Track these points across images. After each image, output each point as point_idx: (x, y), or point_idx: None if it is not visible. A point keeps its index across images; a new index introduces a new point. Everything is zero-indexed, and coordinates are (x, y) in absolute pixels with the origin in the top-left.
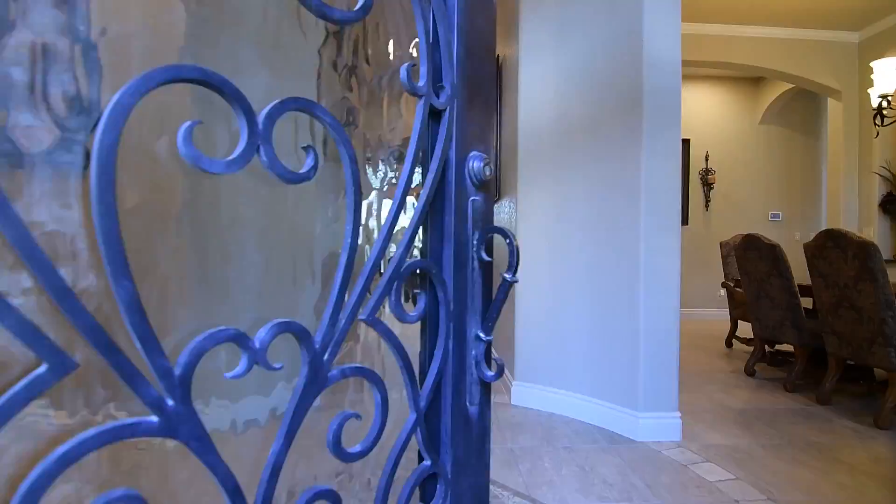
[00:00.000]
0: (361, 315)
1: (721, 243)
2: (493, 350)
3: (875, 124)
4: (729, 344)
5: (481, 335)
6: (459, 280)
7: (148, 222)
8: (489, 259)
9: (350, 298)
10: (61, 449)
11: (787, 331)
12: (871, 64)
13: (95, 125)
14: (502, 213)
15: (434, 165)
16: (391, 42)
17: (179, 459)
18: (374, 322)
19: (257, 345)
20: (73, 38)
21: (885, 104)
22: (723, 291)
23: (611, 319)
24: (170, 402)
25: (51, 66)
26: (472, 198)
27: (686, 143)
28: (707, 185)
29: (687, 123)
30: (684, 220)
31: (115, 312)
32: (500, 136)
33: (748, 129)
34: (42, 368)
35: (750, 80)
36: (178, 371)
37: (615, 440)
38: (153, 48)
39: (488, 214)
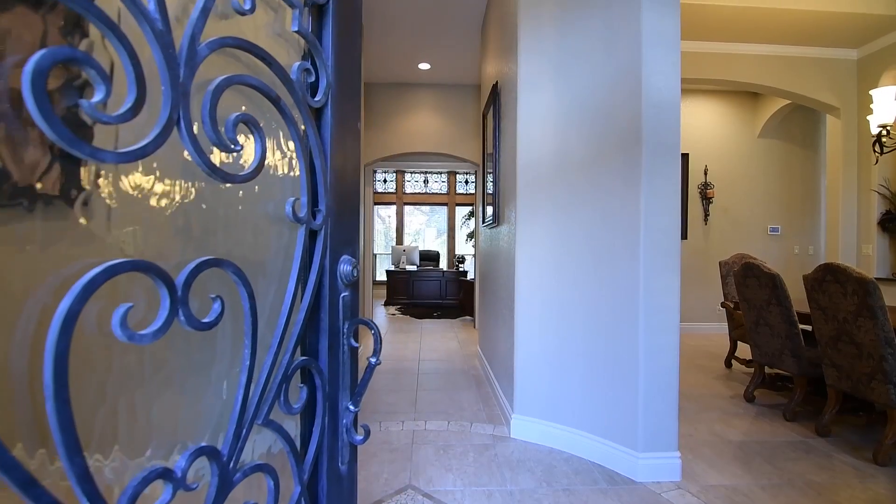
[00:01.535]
0: (258, 420)
1: (720, 263)
2: (494, 381)
3: (874, 151)
4: (728, 364)
5: (350, 407)
6: (333, 364)
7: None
8: (356, 345)
9: (248, 409)
10: None
11: (786, 359)
12: (871, 92)
13: None
14: (501, 238)
15: (313, 276)
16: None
17: None
18: (269, 423)
19: (179, 474)
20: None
21: (884, 133)
22: (722, 307)
23: (610, 357)
24: None
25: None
26: (342, 294)
27: (685, 157)
28: (706, 199)
29: (686, 137)
30: (683, 235)
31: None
32: (499, 161)
33: (747, 143)
34: None
35: (748, 94)
36: None
37: (615, 480)
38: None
39: (355, 307)
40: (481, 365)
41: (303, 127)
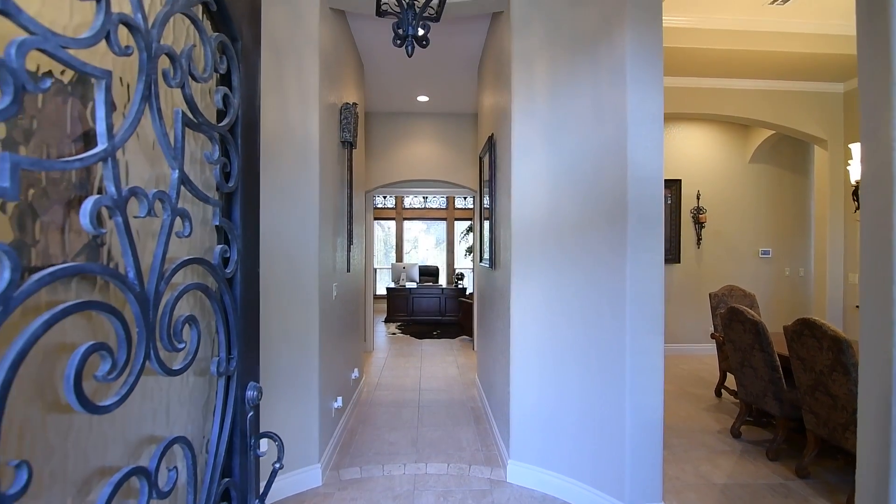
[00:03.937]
0: None
1: (710, 294)
2: (491, 419)
3: (854, 200)
4: (718, 393)
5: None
6: (244, 475)
7: None
8: (261, 454)
9: None
10: None
11: (769, 401)
12: (850, 146)
13: None
14: (496, 282)
15: (229, 411)
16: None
17: None
18: None
19: None
20: None
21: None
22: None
23: (600, 411)
24: None
25: None
26: (249, 415)
27: (678, 182)
28: (698, 223)
29: (678, 163)
30: (676, 258)
31: None
32: (495, 210)
33: (738, 168)
34: None
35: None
36: None
37: None
38: None
39: (257, 423)
40: (479, 397)
41: (219, 294)
